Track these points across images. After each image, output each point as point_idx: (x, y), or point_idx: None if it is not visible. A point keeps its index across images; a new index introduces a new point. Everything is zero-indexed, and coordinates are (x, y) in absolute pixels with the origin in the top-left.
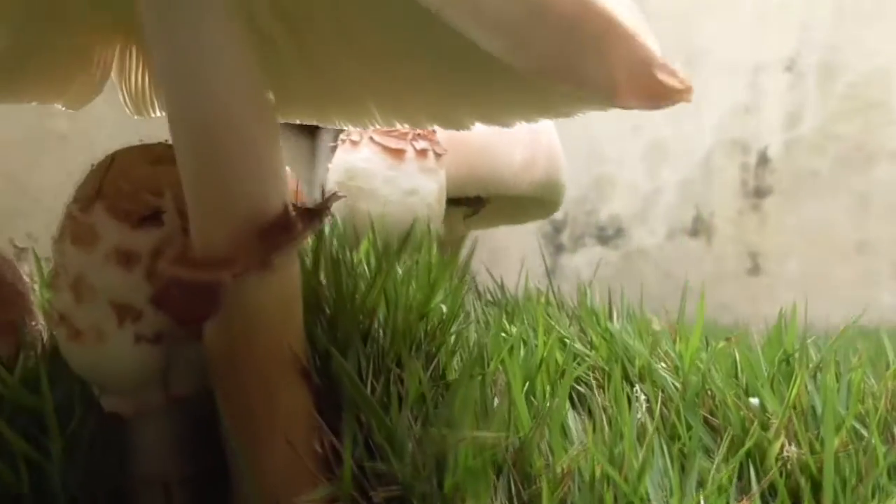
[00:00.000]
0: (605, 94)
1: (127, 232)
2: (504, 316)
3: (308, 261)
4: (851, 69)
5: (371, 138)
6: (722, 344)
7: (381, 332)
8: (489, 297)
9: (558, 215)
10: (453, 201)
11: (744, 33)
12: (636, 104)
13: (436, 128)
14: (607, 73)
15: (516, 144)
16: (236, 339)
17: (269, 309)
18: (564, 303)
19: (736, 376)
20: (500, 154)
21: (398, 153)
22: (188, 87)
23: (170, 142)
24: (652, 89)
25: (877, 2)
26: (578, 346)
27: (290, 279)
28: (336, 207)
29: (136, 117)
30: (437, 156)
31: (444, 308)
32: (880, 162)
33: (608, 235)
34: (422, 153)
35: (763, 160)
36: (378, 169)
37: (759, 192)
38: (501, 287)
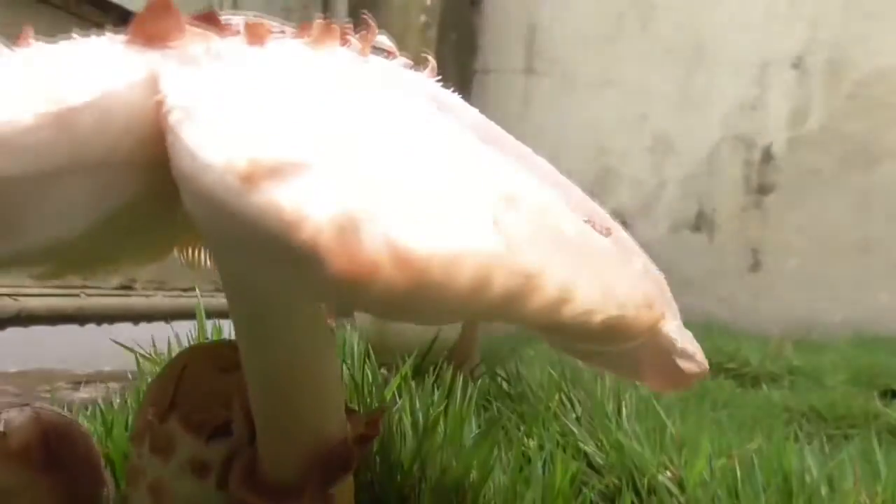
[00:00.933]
0: (632, 377)
1: (201, 445)
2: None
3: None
4: (859, 68)
5: None
6: (723, 461)
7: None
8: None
9: None
10: None
11: (752, 29)
12: (662, 388)
13: None
14: (632, 363)
15: None
16: None
17: None
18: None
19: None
20: None
21: None
22: (264, 334)
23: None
24: (674, 377)
25: (886, 1)
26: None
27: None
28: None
29: None
30: None
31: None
32: (884, 162)
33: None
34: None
35: (767, 157)
36: None
37: (763, 189)
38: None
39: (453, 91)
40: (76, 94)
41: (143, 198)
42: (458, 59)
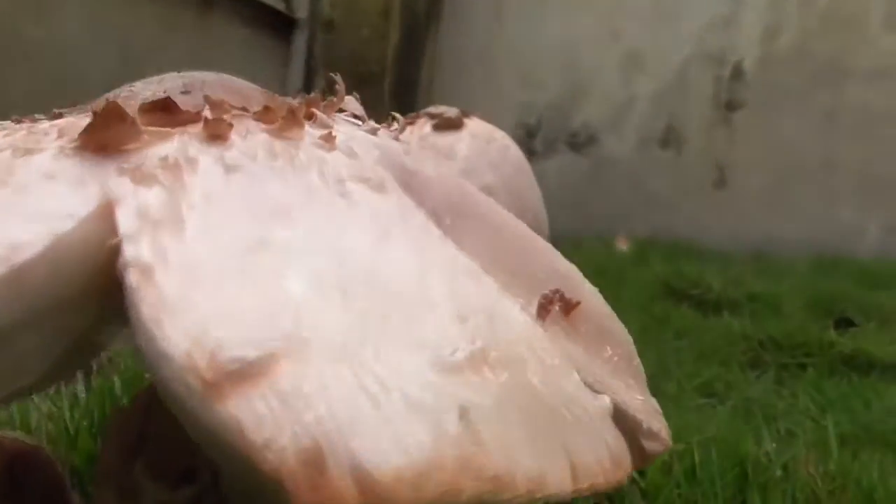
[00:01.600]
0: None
1: (168, 491)
2: None
3: None
4: None
5: None
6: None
7: None
8: None
9: (532, 120)
10: None
11: None
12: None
13: None
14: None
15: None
16: None
17: None
18: None
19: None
20: None
21: None
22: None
23: None
24: (638, 456)
25: None
26: None
27: None
28: None
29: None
30: None
31: None
32: (852, 81)
33: (580, 142)
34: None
35: (737, 74)
36: None
37: (731, 106)
38: None
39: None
40: (24, 248)
41: (101, 321)
42: None
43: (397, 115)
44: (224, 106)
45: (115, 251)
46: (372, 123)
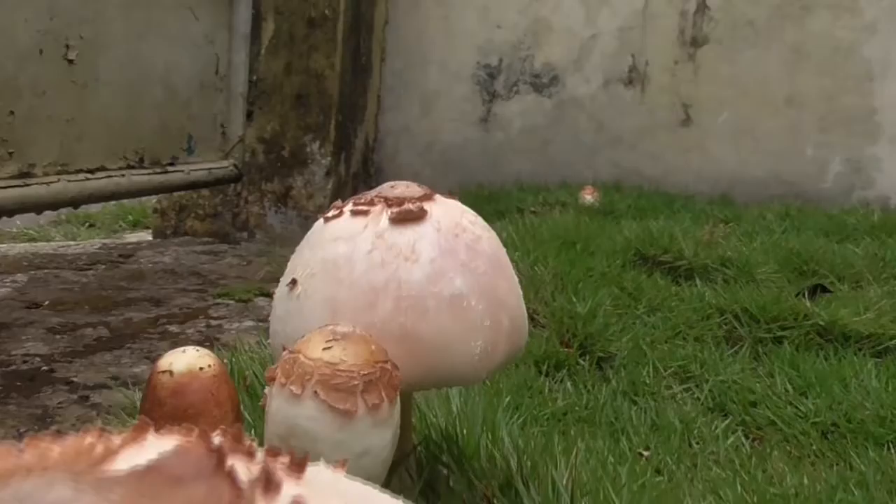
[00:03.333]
0: None
1: None
2: None
3: None
4: None
5: (315, 392)
6: None
7: None
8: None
9: (493, 61)
10: None
11: None
12: None
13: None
14: None
15: (476, 334)
16: None
17: None
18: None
19: None
20: (458, 348)
21: (347, 413)
22: None
23: None
24: None
25: None
26: None
27: None
28: None
29: None
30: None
31: None
32: (817, 14)
33: (543, 83)
34: (374, 407)
35: (702, 8)
36: (324, 432)
37: (696, 42)
38: None
39: None
40: None
41: None
42: None
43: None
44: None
45: None
46: None
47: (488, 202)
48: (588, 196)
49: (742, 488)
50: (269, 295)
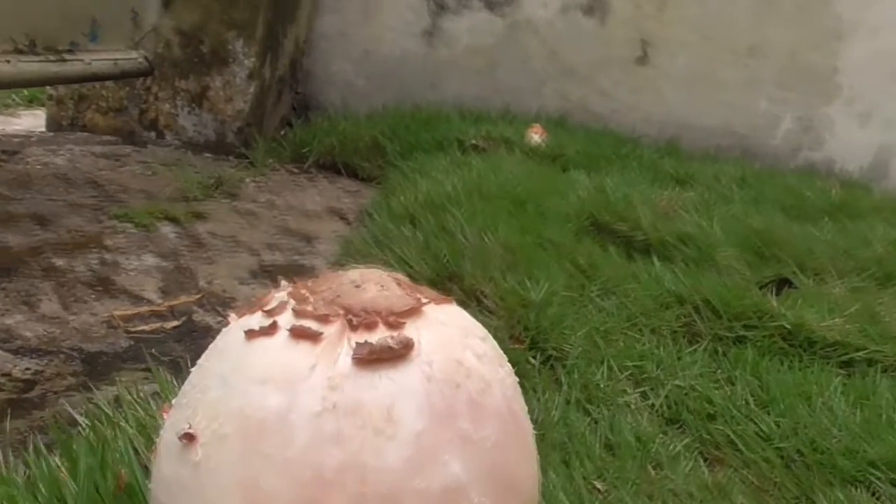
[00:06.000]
0: None
1: None
2: None
3: None
4: None
5: None
6: None
7: None
8: None
9: None
10: None
11: None
12: None
13: None
14: None
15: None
16: None
17: None
18: None
19: None
20: None
21: None
22: None
23: None
24: None
25: None
26: None
27: None
28: None
29: None
30: None
31: None
32: None
33: (497, 1)
34: None
35: None
36: None
37: None
38: None
39: None
40: None
41: None
42: None
43: None
44: None
45: None
46: None
47: (426, 128)
48: (535, 136)
49: None
50: (177, 220)
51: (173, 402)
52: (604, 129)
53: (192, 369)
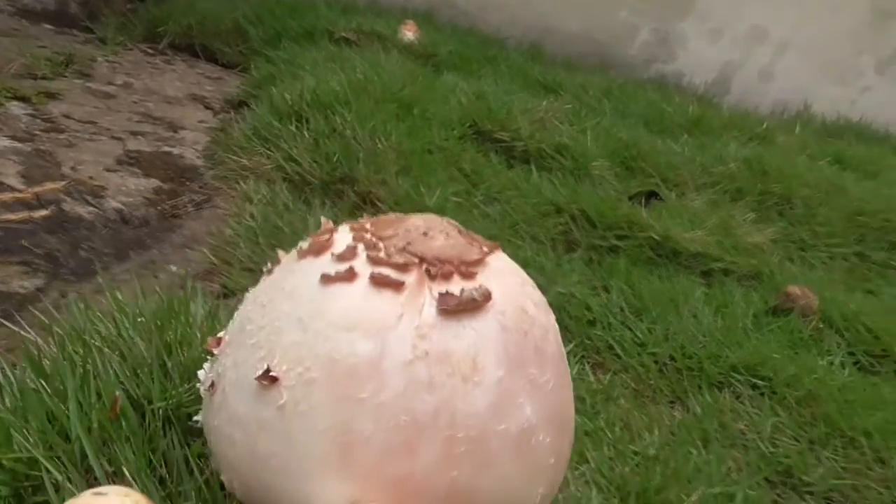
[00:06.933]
0: None
1: None
2: None
3: None
4: None
5: None
6: None
7: None
8: None
9: None
10: None
11: None
12: None
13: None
14: None
15: (540, 478)
16: None
17: None
18: None
19: None
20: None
21: None
22: None
23: None
24: None
25: None
26: None
27: None
28: None
29: None
30: None
31: None
32: None
33: None
34: None
35: None
36: None
37: None
38: None
39: None
40: None
41: None
42: None
43: None
44: None
45: None
46: None
47: (291, 14)
48: (409, 33)
49: (607, 448)
50: (27, 100)
51: (225, 336)
52: (471, 28)
53: (247, 305)
